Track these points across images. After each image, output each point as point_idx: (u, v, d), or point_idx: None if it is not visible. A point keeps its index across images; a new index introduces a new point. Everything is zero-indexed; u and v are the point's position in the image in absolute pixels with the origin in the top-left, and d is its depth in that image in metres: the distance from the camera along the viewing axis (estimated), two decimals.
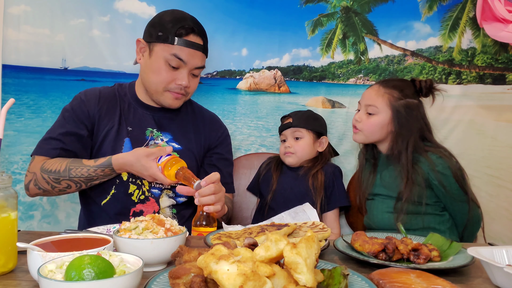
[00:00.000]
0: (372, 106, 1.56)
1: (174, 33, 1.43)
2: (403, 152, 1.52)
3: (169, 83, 1.47)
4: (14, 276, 0.89)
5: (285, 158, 1.79)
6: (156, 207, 1.52)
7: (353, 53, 2.08)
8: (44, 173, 1.40)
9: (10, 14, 1.91)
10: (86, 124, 1.50)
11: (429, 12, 2.04)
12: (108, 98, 1.55)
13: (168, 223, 0.98)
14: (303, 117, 1.79)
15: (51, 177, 1.40)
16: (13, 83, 1.94)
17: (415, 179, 1.50)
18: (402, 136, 1.53)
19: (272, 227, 1.10)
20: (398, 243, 1.01)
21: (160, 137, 1.54)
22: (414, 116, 1.54)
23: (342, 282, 0.71)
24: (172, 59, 1.43)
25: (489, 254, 0.92)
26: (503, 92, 2.05)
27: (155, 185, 1.51)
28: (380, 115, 1.56)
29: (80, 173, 1.39)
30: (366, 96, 1.61)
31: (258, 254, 0.66)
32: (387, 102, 1.55)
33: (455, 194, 1.50)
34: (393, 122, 1.54)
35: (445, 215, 1.55)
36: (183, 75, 1.46)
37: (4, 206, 0.90)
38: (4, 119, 0.95)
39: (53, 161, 1.42)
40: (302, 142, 1.76)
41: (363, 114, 1.60)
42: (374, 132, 1.58)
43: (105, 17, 1.99)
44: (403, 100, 1.54)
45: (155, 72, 1.46)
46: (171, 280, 0.71)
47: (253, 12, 2.04)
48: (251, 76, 2.10)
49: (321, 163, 1.77)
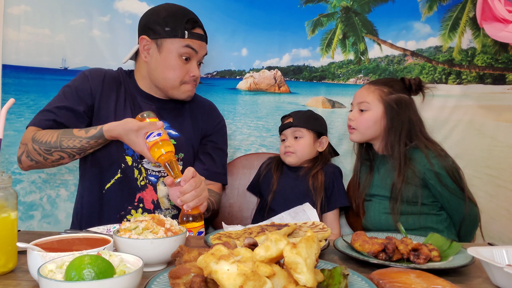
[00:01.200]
0: (364, 103, 1.59)
1: (184, 27, 1.49)
2: (396, 146, 1.54)
3: (184, 76, 1.53)
4: (14, 276, 0.89)
5: (285, 158, 1.79)
6: (154, 195, 1.53)
7: (353, 53, 2.08)
8: (35, 144, 1.40)
9: (10, 14, 1.91)
10: (86, 101, 1.52)
11: (429, 12, 2.04)
12: (113, 79, 1.59)
13: (168, 223, 0.98)
14: (303, 117, 1.79)
15: (42, 148, 1.39)
16: (13, 83, 1.94)
17: (409, 175, 1.51)
18: (394, 129, 1.55)
19: (272, 227, 1.10)
20: (398, 243, 1.01)
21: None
22: (406, 110, 1.57)
23: (342, 282, 0.71)
24: (185, 51, 1.50)
25: (489, 254, 0.92)
26: (503, 92, 2.05)
27: (151, 173, 1.53)
28: (373, 111, 1.58)
29: (72, 144, 1.39)
30: (357, 95, 1.64)
31: (258, 254, 0.66)
32: (378, 98, 1.58)
33: (452, 192, 1.50)
34: (385, 116, 1.57)
35: (442, 214, 1.55)
36: (194, 66, 1.54)
37: (4, 206, 0.90)
38: (4, 119, 0.95)
39: (44, 132, 1.42)
40: (302, 141, 1.76)
41: (356, 112, 1.62)
42: (368, 127, 1.59)
43: (105, 17, 1.99)
44: (394, 95, 1.57)
45: (171, 68, 1.51)
46: (171, 280, 0.71)
47: (253, 12, 2.04)
48: (251, 76, 2.10)
49: (321, 163, 1.78)
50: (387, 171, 1.59)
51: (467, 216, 1.53)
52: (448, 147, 1.98)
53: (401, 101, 1.57)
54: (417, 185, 1.50)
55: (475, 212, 1.56)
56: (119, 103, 1.55)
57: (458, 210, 1.53)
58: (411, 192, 1.50)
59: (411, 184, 1.51)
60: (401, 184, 1.51)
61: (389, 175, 1.57)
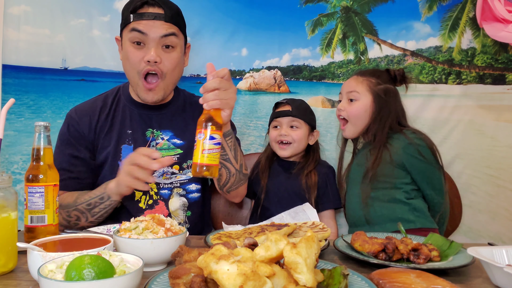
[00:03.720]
0: (353, 92, 1.62)
1: (129, 12, 1.36)
2: (379, 133, 1.58)
3: (138, 63, 1.38)
4: (14, 276, 0.89)
5: (278, 149, 1.72)
6: (165, 211, 1.48)
7: (353, 53, 2.08)
8: (61, 209, 1.34)
9: (10, 14, 1.91)
10: (85, 145, 1.46)
11: (429, 12, 2.04)
12: (97, 109, 1.49)
13: (168, 223, 0.98)
14: (301, 108, 1.74)
15: (64, 211, 1.34)
16: (13, 83, 1.94)
17: (385, 156, 1.54)
18: (380, 118, 1.59)
19: (272, 227, 1.10)
20: (398, 243, 1.01)
21: (160, 136, 1.50)
22: (393, 100, 1.62)
23: (342, 282, 0.71)
24: (132, 35, 1.36)
25: (489, 254, 0.92)
26: (503, 92, 2.05)
27: (163, 186, 1.47)
28: (362, 100, 1.61)
29: (83, 199, 1.33)
30: (345, 85, 1.67)
31: (258, 254, 0.66)
32: (366, 88, 1.62)
33: (430, 163, 1.53)
34: (374, 105, 1.60)
35: (411, 204, 1.53)
36: (149, 50, 1.36)
37: (4, 206, 0.90)
38: (4, 119, 0.96)
39: (67, 194, 1.38)
40: (300, 132, 1.71)
41: (345, 102, 1.65)
42: (359, 117, 1.62)
43: (105, 17, 1.99)
44: (382, 85, 1.62)
45: (126, 58, 1.40)
46: (171, 280, 0.71)
47: (253, 12, 2.04)
48: (251, 76, 2.10)
49: (313, 161, 1.74)
50: (363, 156, 1.63)
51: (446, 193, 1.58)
52: (448, 147, 2.00)
53: (389, 91, 1.62)
54: (392, 165, 1.53)
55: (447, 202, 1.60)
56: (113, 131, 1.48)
57: (435, 182, 1.55)
58: (385, 171, 1.53)
59: (387, 164, 1.53)
60: (377, 166, 1.53)
61: (363, 159, 1.61)
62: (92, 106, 1.51)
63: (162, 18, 1.36)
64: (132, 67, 1.39)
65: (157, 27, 1.36)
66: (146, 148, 1.32)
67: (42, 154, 1.05)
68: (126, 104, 1.52)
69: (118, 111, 1.51)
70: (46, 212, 1.04)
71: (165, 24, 1.37)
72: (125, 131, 1.48)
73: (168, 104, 1.55)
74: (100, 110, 1.50)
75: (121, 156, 1.46)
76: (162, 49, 1.39)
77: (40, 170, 1.04)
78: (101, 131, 1.48)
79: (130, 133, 1.48)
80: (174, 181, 1.49)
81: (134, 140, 1.48)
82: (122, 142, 1.47)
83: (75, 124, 1.47)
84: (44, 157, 1.05)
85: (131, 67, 1.40)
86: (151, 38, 1.36)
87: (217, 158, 1.11)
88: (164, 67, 1.40)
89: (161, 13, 1.36)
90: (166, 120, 1.53)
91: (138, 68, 1.38)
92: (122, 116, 1.50)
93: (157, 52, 1.37)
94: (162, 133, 1.51)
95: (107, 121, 1.49)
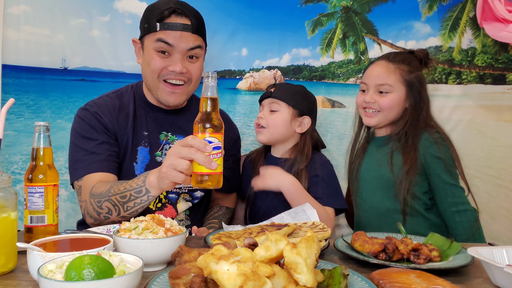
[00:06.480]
0: (385, 85, 1.46)
1: (156, 19, 1.35)
2: (411, 130, 1.44)
3: (161, 70, 1.38)
4: (14, 276, 0.89)
5: (257, 134, 1.59)
6: (174, 213, 1.49)
7: (353, 52, 2.08)
8: (92, 198, 1.27)
9: (10, 14, 1.91)
10: (109, 135, 1.41)
11: (429, 12, 2.04)
12: (117, 107, 1.46)
13: (168, 223, 0.98)
14: (287, 90, 1.56)
15: (95, 200, 1.26)
16: (13, 83, 1.94)
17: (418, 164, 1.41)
18: (416, 109, 1.46)
19: (272, 227, 1.10)
20: (398, 243, 1.01)
21: (174, 140, 1.50)
22: (425, 88, 1.49)
23: (342, 282, 0.71)
24: (158, 45, 1.36)
25: (489, 254, 0.92)
26: (503, 92, 2.05)
27: (172, 190, 1.47)
28: (395, 93, 1.46)
29: (117, 189, 1.21)
30: (374, 74, 1.49)
31: (258, 254, 0.66)
32: (399, 78, 1.46)
33: (454, 176, 1.41)
34: (409, 97, 1.47)
35: (430, 219, 1.45)
36: (175, 61, 1.37)
37: (4, 206, 0.90)
38: (4, 119, 0.95)
39: (100, 183, 1.29)
40: (277, 116, 1.53)
41: (374, 94, 1.48)
42: (392, 110, 1.47)
43: (105, 17, 1.98)
44: (414, 74, 1.47)
45: (148, 64, 1.40)
46: (171, 280, 0.71)
47: (253, 12, 2.04)
48: (251, 76, 2.10)
49: (303, 157, 1.54)
50: (385, 155, 1.49)
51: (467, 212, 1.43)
52: None
53: (421, 79, 1.48)
54: (418, 171, 1.42)
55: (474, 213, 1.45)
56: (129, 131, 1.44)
57: (456, 198, 1.42)
58: (416, 180, 1.42)
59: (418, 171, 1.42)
60: (413, 177, 1.41)
61: (385, 159, 1.47)
62: (112, 103, 1.46)
63: (190, 30, 1.37)
64: (153, 72, 1.40)
65: (184, 39, 1.37)
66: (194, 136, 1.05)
67: (42, 154, 1.05)
68: (142, 105, 1.51)
69: (136, 111, 1.49)
70: (46, 212, 1.04)
71: (192, 36, 1.38)
72: (142, 133, 1.47)
73: (182, 109, 1.55)
74: (119, 108, 1.46)
75: (137, 158, 1.45)
76: (187, 59, 1.41)
77: (40, 170, 1.04)
78: (120, 129, 1.44)
79: (146, 135, 1.47)
80: (183, 186, 1.50)
81: (149, 142, 1.47)
82: (138, 144, 1.46)
83: (98, 115, 1.41)
84: (44, 157, 1.05)
85: (152, 72, 1.40)
86: (178, 50, 1.37)
87: (219, 164, 0.98)
88: (190, 74, 1.42)
89: (189, 24, 1.37)
90: (180, 125, 1.53)
91: (161, 73, 1.39)
92: (139, 117, 1.49)
93: (183, 63, 1.39)
94: (177, 137, 1.51)
95: (125, 120, 1.46)
